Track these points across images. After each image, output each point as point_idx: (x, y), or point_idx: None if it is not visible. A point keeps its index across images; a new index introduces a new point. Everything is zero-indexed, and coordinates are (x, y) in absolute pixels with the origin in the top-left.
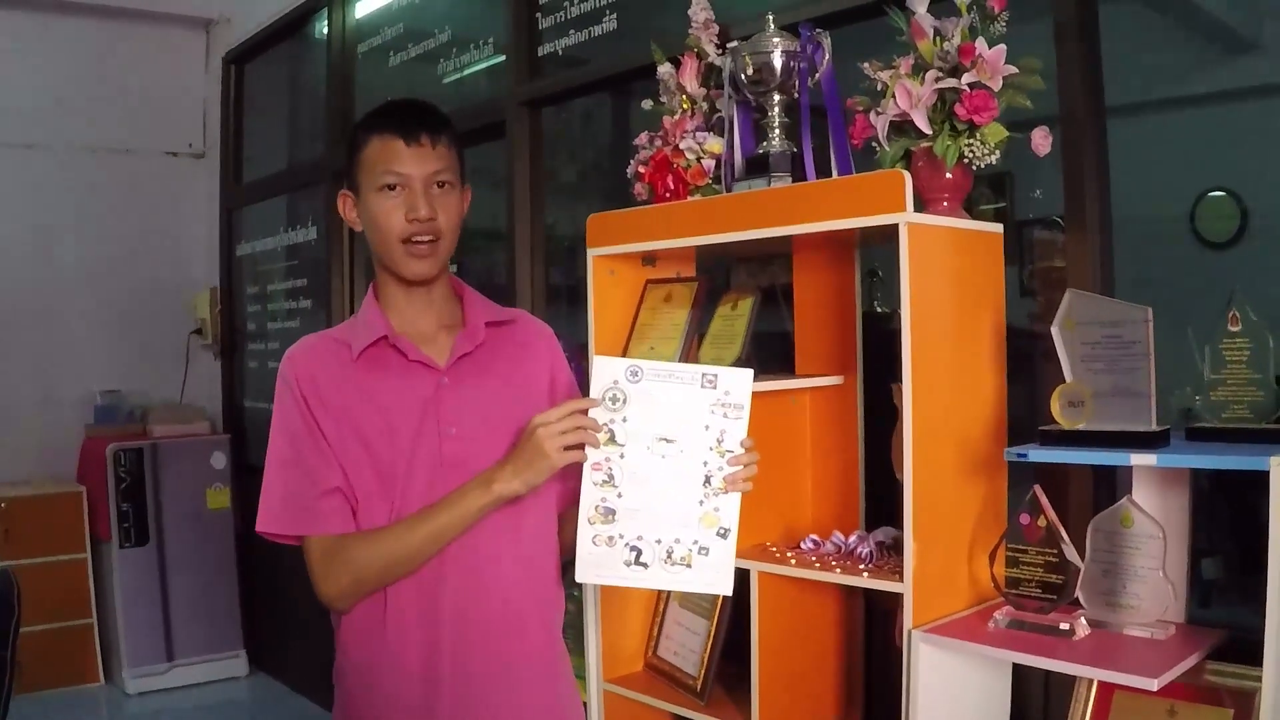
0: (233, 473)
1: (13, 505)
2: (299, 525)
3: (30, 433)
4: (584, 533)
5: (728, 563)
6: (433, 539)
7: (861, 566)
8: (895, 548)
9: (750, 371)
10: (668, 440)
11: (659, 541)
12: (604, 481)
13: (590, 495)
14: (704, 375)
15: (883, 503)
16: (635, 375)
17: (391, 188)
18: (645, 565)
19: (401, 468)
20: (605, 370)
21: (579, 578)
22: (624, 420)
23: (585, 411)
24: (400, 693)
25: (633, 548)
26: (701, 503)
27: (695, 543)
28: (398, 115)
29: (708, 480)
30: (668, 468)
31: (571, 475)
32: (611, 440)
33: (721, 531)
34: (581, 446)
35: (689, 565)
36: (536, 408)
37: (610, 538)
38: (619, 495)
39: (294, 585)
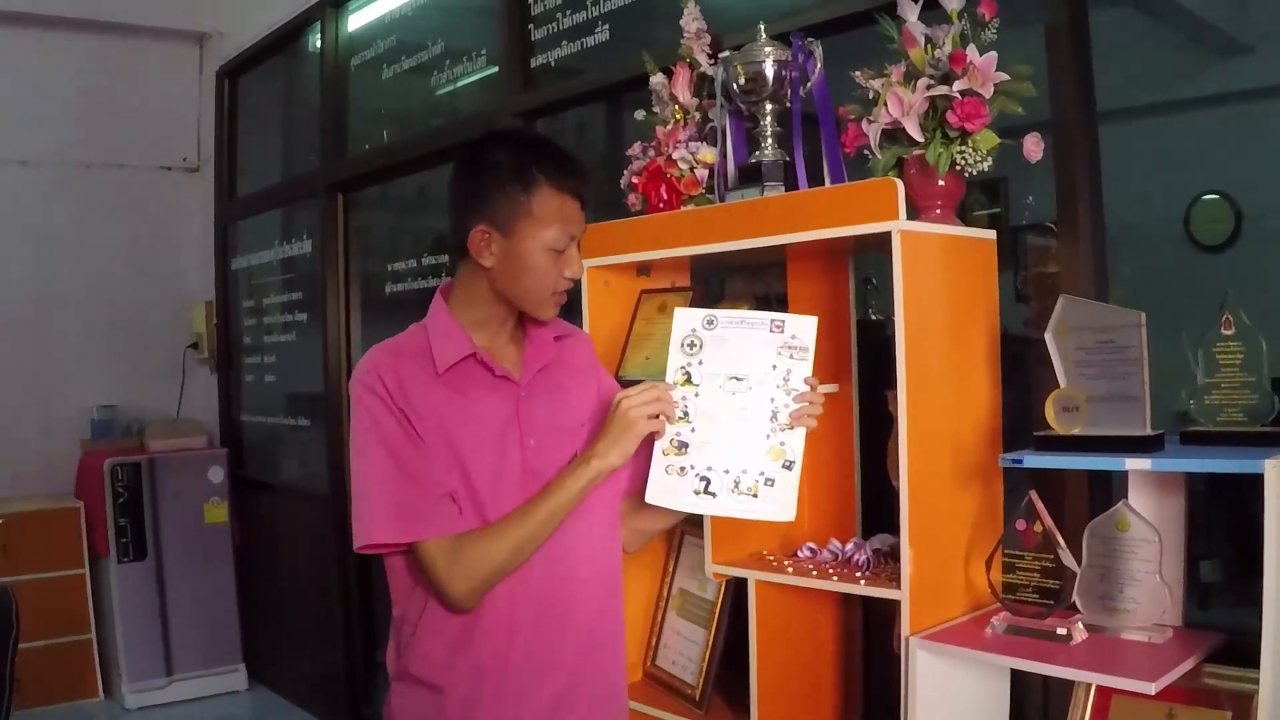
0: (230, 487)
1: (10, 521)
2: (417, 531)
3: (27, 449)
4: (658, 463)
5: (792, 493)
6: (550, 519)
7: (859, 574)
8: (892, 555)
9: (815, 318)
10: (738, 379)
11: (727, 472)
12: (680, 417)
13: (667, 429)
14: (772, 321)
15: (879, 510)
16: (711, 324)
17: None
18: (714, 494)
19: (488, 478)
20: (684, 320)
21: (649, 498)
22: (699, 363)
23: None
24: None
25: (702, 478)
26: (768, 437)
27: (761, 474)
28: (579, 176)
29: (774, 416)
30: (738, 404)
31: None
32: (688, 381)
33: (786, 464)
34: (659, 418)
35: (755, 495)
36: (592, 415)
37: (682, 468)
38: (692, 430)
39: (293, 598)
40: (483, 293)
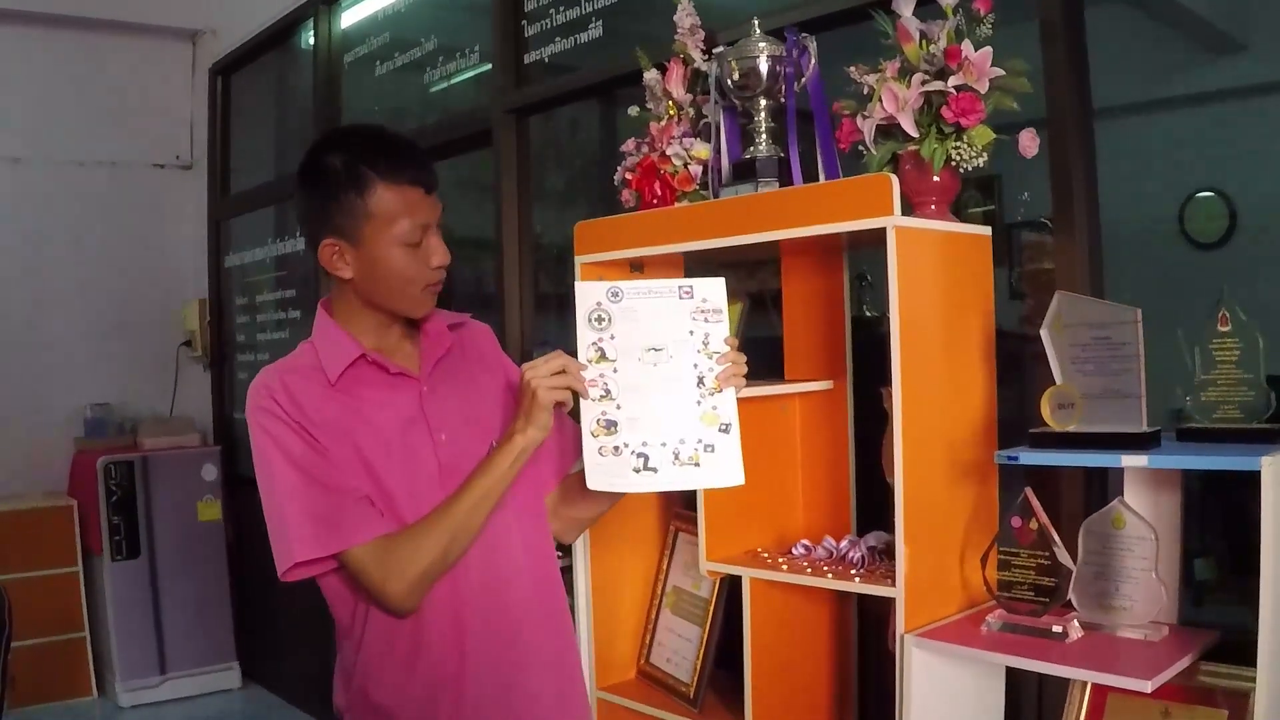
0: (224, 485)
1: (3, 519)
2: (341, 540)
3: (20, 447)
4: (589, 445)
5: (735, 456)
6: (480, 505)
7: (853, 571)
8: (887, 552)
9: (722, 279)
10: (656, 349)
11: (664, 445)
12: (601, 396)
13: (590, 411)
14: (680, 287)
15: (874, 507)
16: (616, 296)
17: (419, 242)
18: (655, 470)
19: (401, 480)
20: (587, 294)
21: (590, 485)
22: (612, 338)
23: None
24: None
25: (639, 454)
26: (699, 403)
27: (700, 441)
28: (415, 163)
29: (701, 381)
30: (660, 375)
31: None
32: (603, 357)
33: (723, 427)
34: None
35: (697, 464)
36: (505, 404)
37: (616, 447)
38: (618, 407)
39: (286, 597)
40: (355, 303)
